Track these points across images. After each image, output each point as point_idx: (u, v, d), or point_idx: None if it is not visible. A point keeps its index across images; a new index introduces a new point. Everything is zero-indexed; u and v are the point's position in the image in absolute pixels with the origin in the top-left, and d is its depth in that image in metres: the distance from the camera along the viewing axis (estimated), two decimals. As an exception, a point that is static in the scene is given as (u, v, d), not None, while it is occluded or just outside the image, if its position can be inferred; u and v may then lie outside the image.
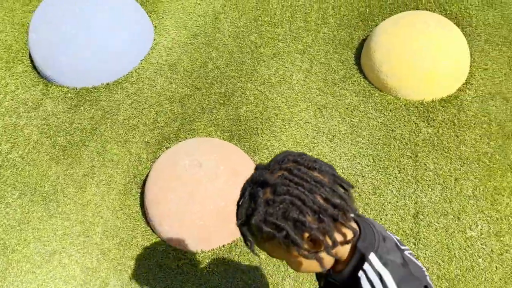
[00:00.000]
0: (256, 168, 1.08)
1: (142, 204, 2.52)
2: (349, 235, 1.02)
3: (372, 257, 1.03)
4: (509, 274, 2.09)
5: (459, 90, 2.74)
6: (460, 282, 2.09)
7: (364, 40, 3.07)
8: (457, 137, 2.54)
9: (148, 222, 2.46)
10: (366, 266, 1.02)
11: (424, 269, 1.09)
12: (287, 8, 3.37)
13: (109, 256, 2.37)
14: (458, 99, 2.70)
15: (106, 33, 3.05)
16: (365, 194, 2.40)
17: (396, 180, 2.43)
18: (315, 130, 2.69)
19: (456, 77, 2.74)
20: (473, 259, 2.14)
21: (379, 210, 2.34)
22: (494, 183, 2.36)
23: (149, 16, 3.42)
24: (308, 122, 2.73)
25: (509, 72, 2.77)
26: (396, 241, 1.11)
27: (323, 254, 0.98)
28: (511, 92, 2.69)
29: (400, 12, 3.11)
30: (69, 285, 2.29)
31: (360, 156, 2.55)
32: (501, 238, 2.19)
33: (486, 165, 2.42)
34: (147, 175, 2.59)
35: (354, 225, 1.00)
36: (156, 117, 2.90)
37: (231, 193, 2.29)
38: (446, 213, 2.29)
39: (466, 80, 2.77)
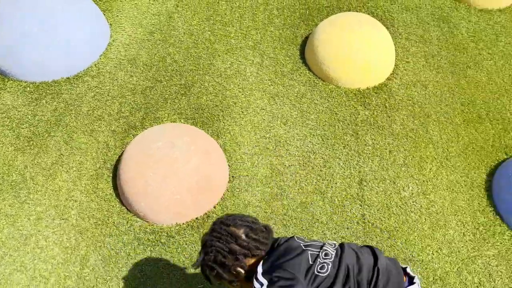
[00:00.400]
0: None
1: (115, 187, 2.68)
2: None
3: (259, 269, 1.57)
4: (435, 224, 2.57)
5: (388, 79, 3.24)
6: (398, 232, 2.53)
7: (306, 38, 3.48)
8: (389, 117, 3.02)
9: (122, 202, 2.62)
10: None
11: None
12: (236, 9, 3.69)
13: (87, 235, 2.51)
14: (387, 86, 3.20)
15: (63, 29, 3.15)
16: (317, 167, 2.78)
17: (342, 154, 2.84)
18: (270, 115, 3.03)
19: (385, 68, 3.24)
20: (407, 214, 2.60)
21: (330, 180, 2.73)
22: (420, 153, 2.86)
23: (104, 15, 3.56)
24: (264, 109, 3.06)
25: (425, 64, 3.33)
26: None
27: (242, 279, 1.58)
28: (428, 80, 3.24)
29: (336, 13, 3.57)
30: (49, 264, 2.40)
31: (310, 136, 2.93)
32: (427, 196, 2.68)
33: (413, 139, 2.92)
34: (118, 159, 2.76)
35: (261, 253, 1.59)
36: (120, 107, 3.07)
37: (203, 170, 2.55)
38: (384, 179, 2.73)
39: (392, 71, 3.28)
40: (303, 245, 1.59)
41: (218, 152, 2.73)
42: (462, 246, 2.49)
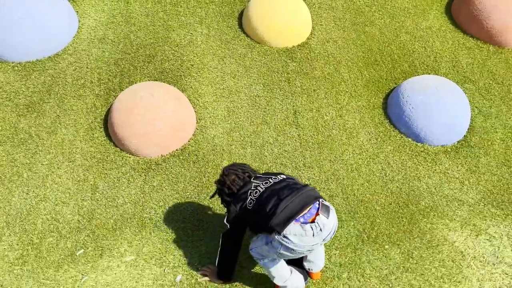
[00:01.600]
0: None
1: (108, 135, 3.41)
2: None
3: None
4: (349, 135, 3.57)
5: (308, 38, 4.20)
6: (325, 143, 3.50)
7: (241, 12, 4.35)
8: (311, 66, 3.99)
9: (116, 144, 3.36)
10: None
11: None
12: (181, -7, 4.47)
13: (92, 170, 3.22)
14: (307, 44, 4.16)
15: (40, 16, 3.77)
16: (262, 106, 3.68)
17: (279, 95, 3.76)
18: (221, 72, 3.88)
19: (305, 30, 4.19)
20: (330, 131, 3.58)
21: (272, 114, 3.64)
22: (335, 89, 3.85)
23: (71, 4, 4.19)
24: (216, 68, 3.90)
25: (334, 26, 4.33)
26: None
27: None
28: (337, 37, 4.24)
29: (263, -9, 4.46)
30: (66, 193, 3.09)
31: (254, 84, 3.82)
32: (343, 118, 3.67)
33: (330, 80, 3.91)
34: (107, 114, 3.48)
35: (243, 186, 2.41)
36: (99, 76, 3.76)
37: (177, 112, 3.36)
38: (311, 109, 3.69)
39: (310, 32, 4.25)
40: (254, 184, 2.36)
41: (186, 100, 3.54)
42: (369, 147, 3.51)
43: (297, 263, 2.57)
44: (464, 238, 2.94)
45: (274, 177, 2.36)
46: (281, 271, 2.37)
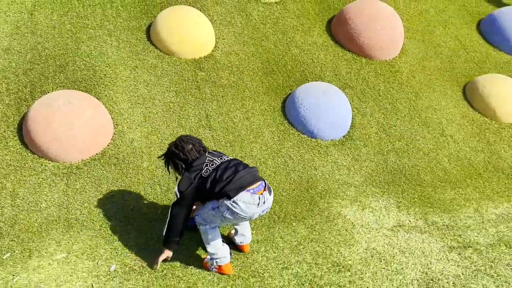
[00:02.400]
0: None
1: (23, 143, 3.42)
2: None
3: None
4: (255, 134, 4.05)
5: (213, 51, 4.64)
6: (236, 142, 3.93)
7: (149, 26, 4.63)
8: (217, 75, 4.42)
9: (33, 151, 3.39)
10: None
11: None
12: (87, 6, 4.60)
13: (10, 177, 3.22)
14: (213, 56, 4.60)
15: None
16: (176, 111, 3.99)
17: (192, 101, 4.12)
18: (134, 81, 4.11)
19: (209, 44, 4.63)
20: (239, 132, 4.03)
21: (186, 118, 3.97)
22: (240, 95, 4.33)
23: (-33, 13, 4.07)
24: (128, 77, 4.12)
25: (235, 40, 4.84)
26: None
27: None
28: (238, 50, 4.75)
29: (168, 8, 4.80)
30: (-16, 202, 3.06)
31: (167, 91, 4.12)
32: (249, 119, 4.15)
33: (235, 87, 4.37)
34: (22, 121, 3.49)
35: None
36: (8, 86, 3.74)
37: (95, 118, 3.53)
38: (221, 113, 4.10)
39: (214, 45, 4.69)
40: (208, 158, 2.73)
41: (103, 107, 3.72)
42: (273, 144, 4.04)
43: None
44: (353, 212, 3.58)
45: (225, 156, 2.79)
46: (215, 240, 2.72)
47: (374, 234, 3.35)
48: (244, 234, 2.96)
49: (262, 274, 2.88)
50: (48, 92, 3.78)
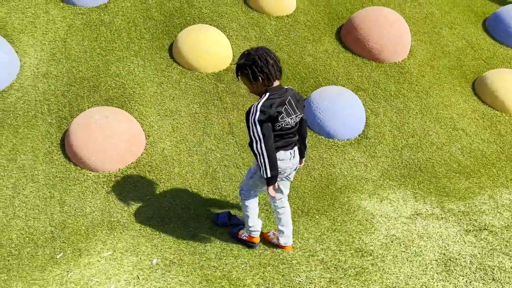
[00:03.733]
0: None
1: (66, 156, 3.77)
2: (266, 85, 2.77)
3: (265, 96, 2.78)
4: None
5: (230, 64, 4.97)
6: (257, 146, 4.21)
7: (171, 45, 5.00)
8: (236, 86, 4.74)
9: (76, 163, 3.74)
10: (263, 96, 2.79)
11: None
12: (114, 31, 5.01)
13: (57, 187, 3.57)
14: (231, 68, 4.93)
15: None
16: (201, 120, 4.31)
17: (214, 111, 4.43)
18: (160, 96, 4.46)
19: (227, 58, 4.96)
20: (259, 136, 4.31)
21: (211, 126, 4.28)
22: (259, 103, 4.62)
23: (11, 45, 4.51)
24: (156, 92, 4.48)
25: (251, 53, 5.16)
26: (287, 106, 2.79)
27: (259, 85, 2.68)
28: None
29: (187, 27, 5.18)
30: (35, 210, 3.40)
31: (192, 103, 4.45)
32: (269, 125, 4.44)
33: (254, 96, 4.68)
34: (64, 137, 3.85)
35: (275, 83, 2.74)
36: (49, 107, 4.12)
37: (130, 130, 3.86)
38: (242, 120, 4.40)
39: (232, 59, 5.03)
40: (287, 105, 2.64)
41: (135, 120, 4.06)
42: (292, 146, 4.30)
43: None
44: (372, 204, 3.81)
45: (295, 114, 2.71)
46: (255, 214, 3.10)
47: (393, 222, 3.56)
48: (289, 235, 3.22)
49: (290, 261, 3.12)
50: (84, 110, 4.15)
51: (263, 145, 2.57)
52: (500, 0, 6.81)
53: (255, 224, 3.16)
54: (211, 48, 4.78)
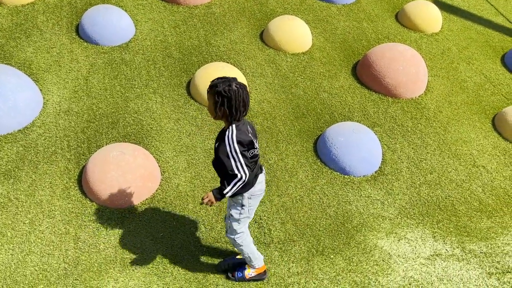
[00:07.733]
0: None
1: (83, 192, 3.83)
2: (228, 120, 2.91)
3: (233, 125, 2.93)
4: (290, 173, 4.31)
5: (246, 100, 5.03)
6: (272, 182, 4.20)
7: (189, 82, 5.12)
8: (252, 122, 4.78)
9: (92, 199, 3.79)
10: (230, 127, 2.92)
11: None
12: (134, 69, 5.17)
13: (73, 223, 3.61)
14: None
15: (9, 95, 4.23)
16: (210, 154, 4.33)
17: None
18: (177, 132, 4.53)
19: (243, 94, 5.03)
20: (274, 172, 4.30)
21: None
22: (274, 139, 4.64)
23: (35, 83, 4.70)
24: (172, 128, 4.55)
25: (267, 89, 5.22)
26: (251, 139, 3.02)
27: (222, 116, 2.75)
28: (271, 98, 5.12)
29: (204, 65, 5.30)
30: (50, 246, 3.43)
31: (207, 139, 4.50)
32: (284, 160, 4.43)
33: (269, 132, 4.70)
34: (81, 173, 3.92)
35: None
36: (68, 143, 4.23)
37: (145, 166, 3.91)
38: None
39: (248, 96, 5.09)
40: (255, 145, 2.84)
41: (151, 156, 4.12)
42: (307, 182, 4.27)
43: None
44: (389, 243, 3.70)
45: (256, 141, 2.84)
46: (253, 251, 3.14)
47: (411, 263, 3.44)
48: (256, 256, 3.27)
49: (304, 303, 3.04)
50: (102, 146, 4.24)
51: (246, 170, 2.66)
52: (519, 35, 6.77)
53: (256, 255, 3.19)
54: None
